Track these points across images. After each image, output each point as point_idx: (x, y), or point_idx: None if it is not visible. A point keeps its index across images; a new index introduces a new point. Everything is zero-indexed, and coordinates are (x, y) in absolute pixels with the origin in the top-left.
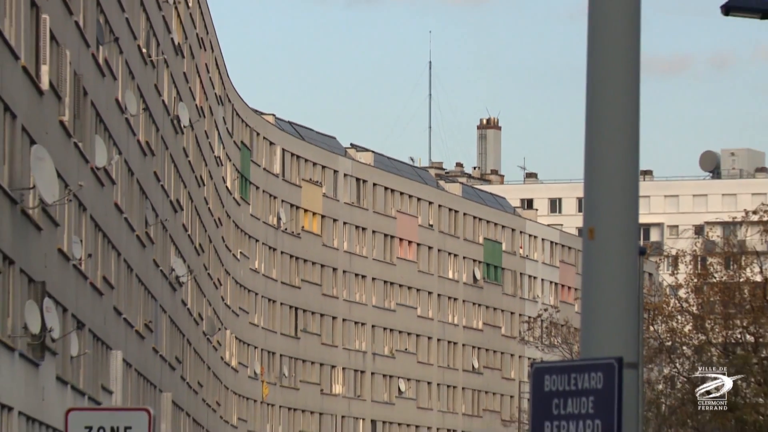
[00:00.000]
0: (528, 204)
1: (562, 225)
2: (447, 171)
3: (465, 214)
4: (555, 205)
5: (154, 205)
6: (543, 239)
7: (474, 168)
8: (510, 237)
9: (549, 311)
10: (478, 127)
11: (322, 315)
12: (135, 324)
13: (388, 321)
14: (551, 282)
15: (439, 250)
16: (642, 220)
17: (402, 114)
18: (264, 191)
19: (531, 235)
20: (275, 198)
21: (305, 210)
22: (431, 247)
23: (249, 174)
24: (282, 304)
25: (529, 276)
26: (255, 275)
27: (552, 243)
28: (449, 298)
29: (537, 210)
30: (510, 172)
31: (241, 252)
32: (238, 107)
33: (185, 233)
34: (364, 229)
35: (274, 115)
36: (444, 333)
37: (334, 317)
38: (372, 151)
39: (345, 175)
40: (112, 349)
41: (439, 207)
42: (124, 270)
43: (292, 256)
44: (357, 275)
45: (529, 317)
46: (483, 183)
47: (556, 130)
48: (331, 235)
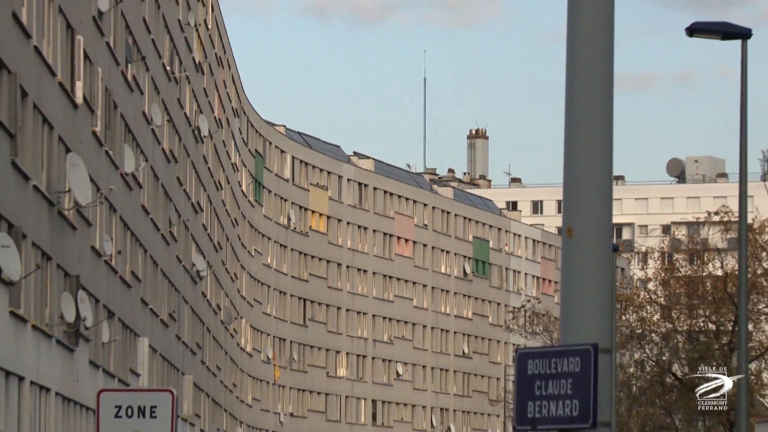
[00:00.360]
0: (512, 206)
1: (543, 225)
2: (440, 176)
3: (456, 215)
4: (537, 207)
5: (177, 207)
6: (526, 237)
7: (464, 173)
8: (496, 235)
9: (531, 302)
10: (467, 137)
11: (327, 305)
12: (160, 313)
13: (387, 311)
14: (533, 276)
15: (433, 247)
16: (615, 220)
17: (399, 125)
18: (275, 194)
19: (515, 234)
20: (285, 200)
21: (312, 211)
22: (426, 245)
23: (262, 179)
24: (292, 295)
25: (514, 270)
26: (267, 270)
27: (534, 241)
28: (442, 290)
29: (521, 211)
30: (496, 177)
31: (255, 249)
32: (252, 119)
33: (205, 232)
34: (365, 229)
35: (284, 126)
36: (437, 322)
37: (338, 307)
38: (372, 158)
39: (348, 180)
40: (139, 336)
41: (433, 208)
42: (150, 265)
43: (300, 252)
44: (359, 270)
45: (514, 307)
46: (472, 187)
47: (538, 139)
48: (336, 234)
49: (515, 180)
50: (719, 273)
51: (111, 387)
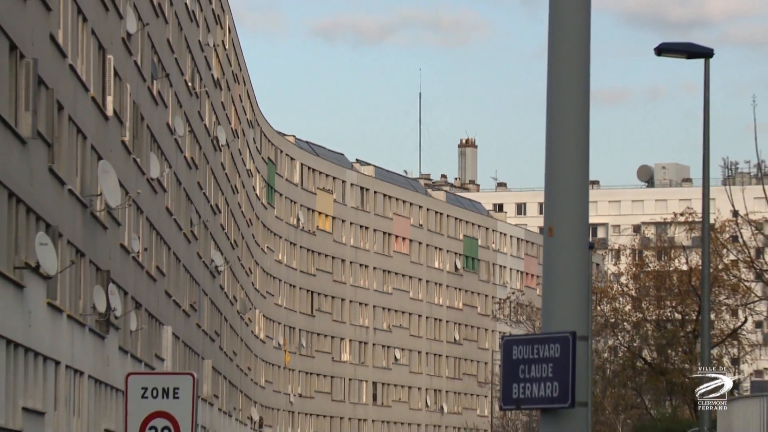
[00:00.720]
0: (499, 208)
1: (526, 225)
2: (433, 181)
3: (448, 215)
4: (521, 209)
5: (197, 209)
6: (511, 236)
7: (455, 179)
8: (484, 234)
9: (516, 294)
10: (458, 146)
11: (332, 297)
12: (182, 304)
13: (386, 302)
14: (518, 271)
15: (427, 245)
16: (591, 220)
17: (397, 135)
18: (286, 197)
19: (501, 233)
20: (295, 203)
21: (319, 212)
22: (421, 243)
23: (274, 183)
24: (300, 288)
25: (500, 266)
26: (279, 265)
27: (518, 239)
28: (435, 283)
29: (506, 213)
30: (484, 182)
31: (268, 246)
32: (265, 129)
33: (222, 231)
34: (366, 228)
35: (294, 136)
36: (431, 312)
37: (342, 299)
38: (373, 165)
39: (351, 185)
40: (163, 325)
41: (427, 210)
42: (173, 261)
43: (308, 249)
44: (361, 265)
45: (500, 299)
46: (462, 191)
47: (522, 147)
48: (340, 233)
49: (501, 184)
50: (684, 268)
51: (138, 371)
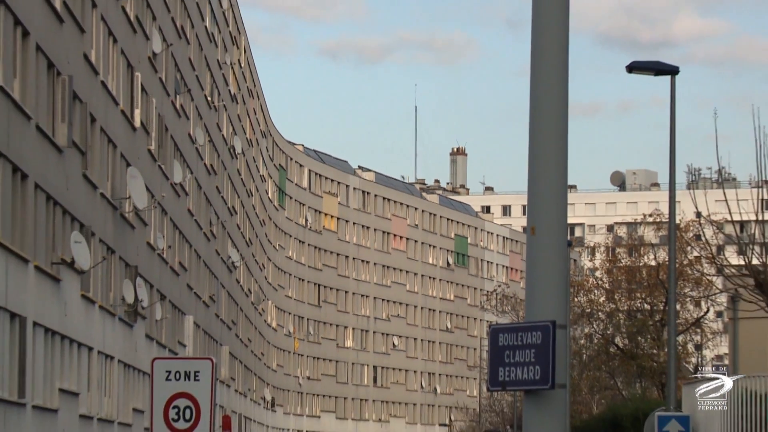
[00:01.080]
0: (486, 209)
1: (511, 225)
2: (428, 185)
3: (441, 216)
4: (506, 210)
5: (216, 210)
6: (497, 235)
7: (447, 183)
8: (473, 233)
9: (502, 287)
10: (450, 154)
11: (337, 290)
12: (202, 296)
13: (385, 294)
14: (503, 266)
15: (422, 242)
16: (569, 221)
17: (395, 144)
18: (295, 200)
19: (489, 232)
20: (303, 205)
21: (325, 214)
22: (416, 241)
23: (284, 187)
24: (308, 281)
25: (488, 261)
26: (289, 261)
27: (504, 238)
28: (429, 277)
29: (493, 214)
30: (473, 186)
31: (279, 244)
32: (276, 139)
33: (238, 231)
34: (368, 228)
35: (302, 145)
36: (426, 303)
37: (346, 291)
38: (373, 171)
39: (354, 189)
40: (185, 315)
41: (422, 212)
42: (194, 257)
43: (315, 247)
44: (363, 261)
45: (488, 291)
46: (454, 194)
47: (507, 155)
48: (344, 232)
49: (488, 188)
50: (653, 263)
51: (162, 356)
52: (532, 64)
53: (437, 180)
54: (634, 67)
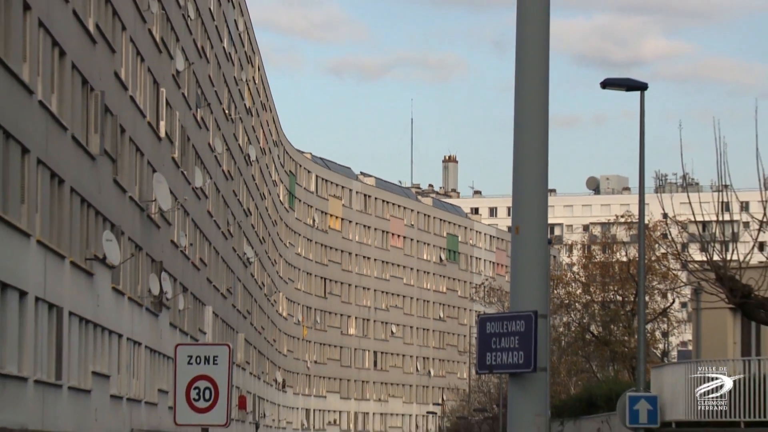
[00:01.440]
0: (475, 211)
1: (497, 224)
2: (423, 189)
3: (434, 217)
4: (493, 212)
5: (233, 212)
6: (485, 234)
7: (440, 187)
8: (464, 232)
9: (489, 281)
10: (442, 161)
11: (342, 283)
12: (220, 288)
13: (384, 287)
14: (490, 262)
15: (418, 240)
16: (549, 221)
17: (393, 152)
18: (304, 203)
19: (477, 231)
20: (311, 207)
21: (331, 215)
22: (412, 239)
23: (294, 191)
24: (316, 275)
25: (476, 258)
26: (298, 257)
27: (491, 236)
28: (424, 272)
29: (481, 215)
30: (464, 190)
31: (289, 242)
32: (287, 148)
33: (253, 230)
34: (369, 227)
35: (311, 153)
36: (421, 294)
37: (349, 284)
38: (374, 176)
39: (356, 192)
40: (205, 305)
41: (418, 213)
42: (213, 254)
43: (322, 244)
44: (364, 257)
45: (476, 284)
46: (446, 197)
47: (494, 162)
48: (348, 231)
49: (477, 192)
50: (624, 259)
51: (185, 342)
52: (516, 80)
53: (431, 184)
54: (607, 84)
